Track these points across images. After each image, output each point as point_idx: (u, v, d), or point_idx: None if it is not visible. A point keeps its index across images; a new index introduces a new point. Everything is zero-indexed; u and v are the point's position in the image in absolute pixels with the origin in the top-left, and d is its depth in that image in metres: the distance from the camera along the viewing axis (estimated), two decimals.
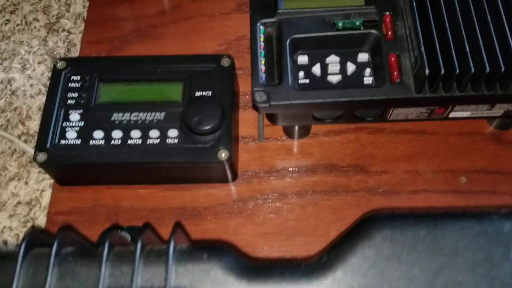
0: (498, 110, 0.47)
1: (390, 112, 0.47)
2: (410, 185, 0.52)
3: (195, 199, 0.53)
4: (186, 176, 0.51)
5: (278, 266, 0.31)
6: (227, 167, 0.49)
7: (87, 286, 0.30)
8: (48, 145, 0.49)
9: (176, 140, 0.49)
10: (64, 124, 0.50)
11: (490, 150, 0.54)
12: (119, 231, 0.48)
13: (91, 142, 0.49)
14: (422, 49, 0.41)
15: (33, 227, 0.51)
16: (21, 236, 0.53)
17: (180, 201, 0.52)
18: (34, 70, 0.61)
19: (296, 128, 0.53)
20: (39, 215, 0.55)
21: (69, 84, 0.52)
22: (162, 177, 0.51)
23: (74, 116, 0.50)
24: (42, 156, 0.48)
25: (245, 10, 0.63)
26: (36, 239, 0.32)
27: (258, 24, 0.47)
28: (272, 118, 0.49)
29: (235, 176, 0.53)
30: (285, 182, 0.53)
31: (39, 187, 0.56)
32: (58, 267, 0.31)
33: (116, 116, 0.50)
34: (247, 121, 0.56)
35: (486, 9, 0.42)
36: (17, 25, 0.64)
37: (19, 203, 0.55)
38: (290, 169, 0.54)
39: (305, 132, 0.54)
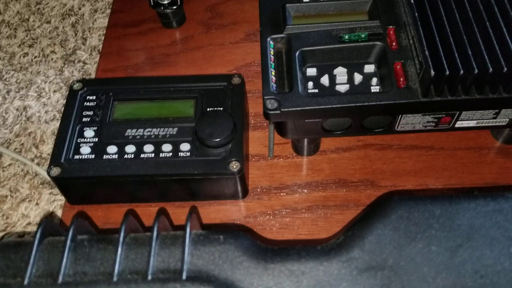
0: (503, 119, 0.48)
1: (398, 121, 0.48)
2: None
3: (206, 215, 0.52)
4: (198, 191, 0.51)
5: (295, 247, 0.31)
6: (238, 179, 0.50)
7: (103, 269, 0.30)
8: (62, 160, 0.49)
9: (188, 153, 0.50)
10: (78, 140, 0.51)
11: (498, 163, 0.54)
12: None
13: (105, 157, 0.50)
14: (427, 52, 0.43)
15: (49, 215, 0.51)
16: None
17: None
18: (49, 98, 0.63)
19: (306, 143, 0.54)
20: None
21: (85, 103, 0.53)
22: (174, 192, 0.52)
23: (89, 132, 0.51)
24: (55, 170, 0.49)
25: (253, 40, 0.66)
26: (51, 227, 0.33)
27: (268, 39, 0.49)
28: (282, 130, 0.50)
29: (245, 192, 0.53)
30: (295, 198, 0.53)
31: (49, 208, 0.56)
32: (73, 252, 0.31)
33: (130, 132, 0.51)
34: (257, 140, 0.57)
35: (483, 13, 0.44)
36: (35, 57, 0.67)
37: (29, 223, 0.55)
38: (301, 185, 0.54)
39: (314, 148, 0.55)
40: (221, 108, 0.53)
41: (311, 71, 0.48)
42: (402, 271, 0.29)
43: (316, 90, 0.48)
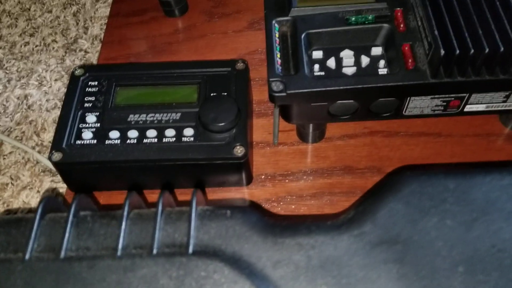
0: None
1: (406, 105, 0.47)
2: None
3: (210, 202, 0.51)
4: (201, 177, 0.50)
5: (304, 222, 0.30)
6: (243, 165, 0.49)
7: (106, 244, 0.29)
8: (63, 145, 0.48)
9: (192, 138, 0.49)
10: (80, 126, 0.50)
11: (507, 150, 0.53)
12: None
13: (107, 142, 0.49)
14: (436, 32, 0.42)
15: (52, 190, 0.50)
16: None
17: None
18: (50, 86, 0.62)
19: (311, 130, 0.53)
20: None
21: (87, 89, 0.52)
22: (177, 179, 0.51)
23: (91, 118, 0.50)
24: (57, 155, 0.48)
25: (257, 28, 0.65)
26: (53, 203, 0.32)
27: (273, 22, 0.48)
28: (287, 115, 0.49)
29: (250, 179, 0.52)
30: (300, 185, 0.52)
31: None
32: (76, 227, 0.30)
33: (132, 117, 0.50)
34: (261, 127, 0.57)
35: None
36: (36, 46, 0.66)
37: (30, 211, 0.54)
38: (306, 172, 0.53)
39: (320, 135, 0.54)
40: (225, 94, 0.52)
41: (317, 54, 0.48)
42: (416, 245, 0.28)
43: (323, 73, 0.47)
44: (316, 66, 0.47)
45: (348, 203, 0.50)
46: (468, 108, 0.48)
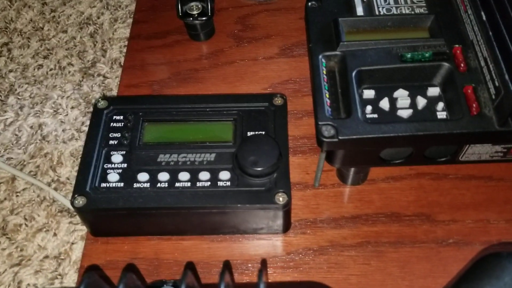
0: None
1: (464, 151, 0.43)
2: (482, 235, 0.47)
3: (245, 251, 0.47)
4: (237, 224, 0.46)
5: None
6: (284, 213, 0.44)
7: None
8: (87, 188, 0.44)
9: (228, 183, 0.44)
10: (105, 166, 0.46)
11: None
12: (164, 286, 0.42)
13: (135, 185, 0.44)
14: (506, 76, 0.38)
15: (90, 268, 0.45)
16: None
17: (228, 253, 0.47)
18: (67, 114, 0.57)
19: (354, 172, 0.49)
20: (69, 271, 0.49)
21: (111, 124, 0.48)
22: (210, 226, 0.46)
23: (117, 157, 0.46)
24: (80, 200, 0.43)
25: (289, 55, 0.61)
26: (95, 283, 0.27)
27: (320, 57, 0.44)
28: (332, 158, 0.45)
29: (288, 226, 0.48)
30: (343, 233, 0.48)
31: (69, 239, 0.50)
32: None
33: (163, 158, 0.46)
34: (297, 166, 0.52)
35: None
36: (50, 69, 0.62)
37: (46, 257, 0.49)
38: (348, 218, 0.49)
39: (363, 177, 0.50)
40: (263, 132, 0.47)
41: (369, 94, 0.43)
42: None
43: (376, 115, 0.43)
44: (369, 108, 0.43)
45: (397, 255, 0.46)
46: None
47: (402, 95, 0.43)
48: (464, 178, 0.51)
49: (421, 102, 0.43)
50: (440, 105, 0.43)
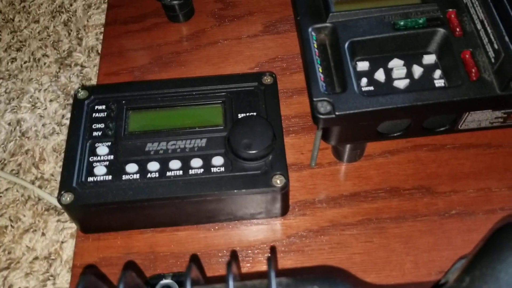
0: None
1: (464, 119, 0.42)
2: (485, 204, 0.46)
3: (244, 238, 0.45)
4: (233, 211, 0.44)
5: None
6: (282, 196, 0.43)
7: None
8: (74, 184, 0.42)
9: (222, 169, 0.42)
10: (91, 159, 0.43)
11: None
12: (162, 280, 0.41)
13: (124, 177, 0.42)
14: (506, 38, 0.36)
15: (87, 267, 0.43)
16: None
17: (226, 241, 0.45)
18: (45, 108, 0.55)
19: (350, 149, 0.47)
20: (61, 271, 0.47)
21: (94, 114, 0.46)
22: (206, 214, 0.45)
23: (102, 149, 0.44)
24: (67, 197, 0.41)
25: (273, 31, 0.59)
26: (92, 284, 0.25)
27: (310, 30, 0.42)
28: (328, 136, 0.43)
29: (287, 209, 0.46)
30: (344, 211, 0.46)
31: (58, 238, 0.48)
32: None
33: (151, 147, 0.44)
34: (291, 147, 0.50)
35: None
36: (25, 62, 0.58)
37: (36, 258, 0.47)
38: (347, 196, 0.47)
39: (360, 153, 0.48)
40: (255, 113, 0.45)
41: (363, 66, 0.42)
42: None
43: (372, 88, 0.41)
44: (364, 80, 0.41)
45: (399, 230, 0.45)
46: None
47: (397, 65, 0.41)
48: (462, 147, 0.49)
49: (417, 71, 0.41)
50: (437, 72, 0.41)
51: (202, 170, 0.42)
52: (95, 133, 0.44)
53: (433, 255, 0.44)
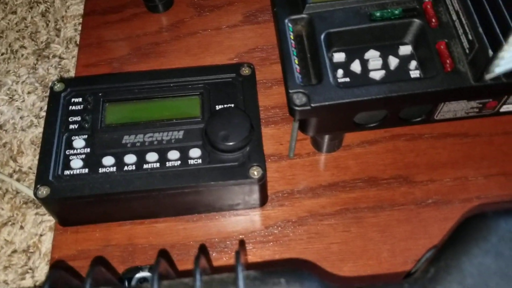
0: None
1: (440, 109, 0.42)
2: (461, 193, 0.47)
3: (222, 229, 0.46)
4: (212, 202, 0.44)
5: (375, 285, 0.25)
6: (260, 187, 0.43)
7: None
8: (50, 177, 0.41)
9: (199, 161, 0.42)
10: (67, 152, 0.43)
11: None
12: (139, 272, 0.41)
13: (101, 170, 0.42)
14: (480, 29, 0.37)
15: (55, 265, 0.43)
16: None
17: (205, 233, 0.46)
18: (23, 101, 0.54)
19: (328, 139, 0.47)
20: (40, 264, 0.46)
21: (70, 107, 0.45)
22: (184, 206, 0.45)
23: (78, 142, 0.43)
24: (44, 191, 0.41)
25: (253, 21, 0.59)
26: (61, 279, 0.25)
27: (286, 21, 0.42)
28: (305, 127, 0.43)
29: (265, 200, 0.47)
30: (322, 201, 0.47)
31: (37, 231, 0.48)
32: None
33: (128, 139, 0.44)
34: (270, 137, 0.51)
35: None
36: (2, 54, 0.58)
37: (14, 251, 0.47)
38: (326, 186, 0.47)
39: (338, 144, 0.49)
40: (232, 105, 0.45)
41: (339, 57, 0.42)
42: None
43: (347, 79, 0.41)
44: (340, 72, 0.41)
45: (377, 219, 0.45)
46: (504, 108, 0.44)
47: (373, 56, 0.42)
48: (439, 137, 0.50)
49: (393, 62, 0.41)
50: (413, 63, 0.41)
51: (179, 162, 0.42)
52: (71, 126, 0.44)
53: (410, 243, 0.44)
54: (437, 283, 0.24)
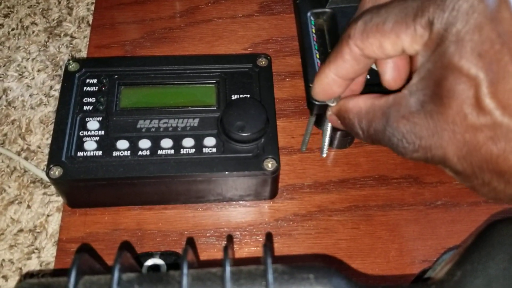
0: None
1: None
2: (469, 196, 0.47)
3: (232, 219, 0.46)
4: (223, 192, 0.44)
5: (401, 286, 0.25)
6: (273, 179, 0.43)
7: None
8: (63, 158, 0.41)
9: (214, 150, 0.42)
10: (81, 133, 0.42)
11: None
12: (151, 258, 0.41)
13: (115, 153, 0.42)
14: None
15: (82, 248, 0.43)
16: (25, 270, 0.45)
17: (214, 222, 0.45)
18: (33, 78, 0.53)
19: (340, 135, 0.47)
20: (46, 244, 0.46)
21: (85, 88, 0.45)
22: (195, 194, 0.44)
23: (93, 124, 0.43)
24: (56, 171, 0.40)
25: (268, 12, 0.58)
26: (87, 263, 0.25)
27: (308, 14, 0.42)
28: (322, 121, 0.43)
29: (275, 192, 0.47)
30: (332, 197, 0.47)
31: (44, 211, 0.47)
32: None
33: (143, 124, 0.43)
34: (282, 130, 0.50)
35: None
36: (12, 29, 0.57)
37: (20, 230, 0.46)
38: (336, 182, 0.48)
39: (350, 140, 0.49)
40: (248, 95, 0.45)
41: None
42: None
43: (368, 76, 0.41)
44: None
45: (385, 218, 0.46)
46: None
47: None
48: None
49: None
50: None
51: (193, 150, 0.42)
52: (85, 107, 0.44)
53: (418, 244, 0.45)
54: (464, 287, 0.24)
